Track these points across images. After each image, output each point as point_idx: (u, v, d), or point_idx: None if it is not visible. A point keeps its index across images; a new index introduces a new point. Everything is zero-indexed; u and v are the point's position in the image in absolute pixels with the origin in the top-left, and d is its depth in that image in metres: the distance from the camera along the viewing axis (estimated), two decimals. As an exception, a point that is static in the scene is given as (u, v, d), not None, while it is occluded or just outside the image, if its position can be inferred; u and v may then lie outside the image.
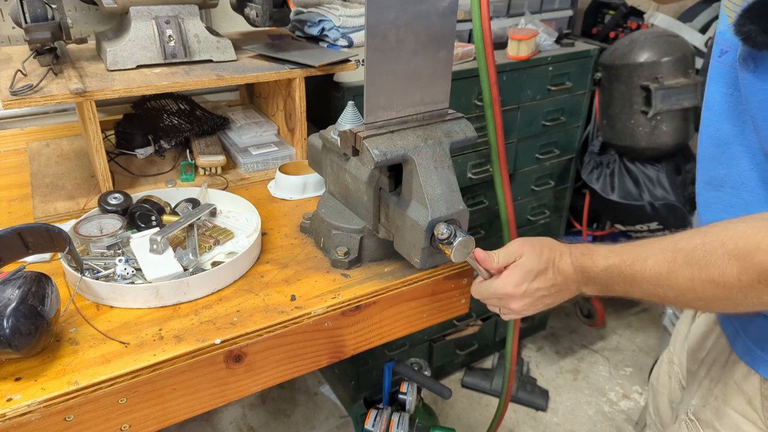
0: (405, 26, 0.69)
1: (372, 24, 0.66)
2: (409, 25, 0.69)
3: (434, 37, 0.72)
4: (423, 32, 0.71)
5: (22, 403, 0.62)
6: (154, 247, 0.83)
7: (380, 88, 0.71)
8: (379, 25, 0.67)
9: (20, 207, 1.04)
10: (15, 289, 0.65)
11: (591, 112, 1.99)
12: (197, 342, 0.72)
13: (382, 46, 0.68)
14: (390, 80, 0.71)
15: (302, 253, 0.91)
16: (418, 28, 0.70)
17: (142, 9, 1.06)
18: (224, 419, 1.89)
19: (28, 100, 0.90)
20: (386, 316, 0.88)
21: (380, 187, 0.81)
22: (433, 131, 0.76)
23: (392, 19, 0.67)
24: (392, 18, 0.67)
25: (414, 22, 0.69)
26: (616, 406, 2.00)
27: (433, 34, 0.72)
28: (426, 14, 0.70)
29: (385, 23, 0.67)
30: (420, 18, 0.69)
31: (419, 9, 0.69)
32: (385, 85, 0.71)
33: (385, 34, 0.68)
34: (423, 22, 0.70)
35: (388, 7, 0.66)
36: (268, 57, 1.17)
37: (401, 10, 0.67)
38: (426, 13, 0.70)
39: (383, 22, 0.67)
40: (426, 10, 0.70)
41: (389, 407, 1.25)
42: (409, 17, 0.68)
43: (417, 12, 0.69)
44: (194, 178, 1.15)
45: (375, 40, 0.67)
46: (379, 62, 0.69)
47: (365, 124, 0.73)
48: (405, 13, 0.68)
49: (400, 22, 0.68)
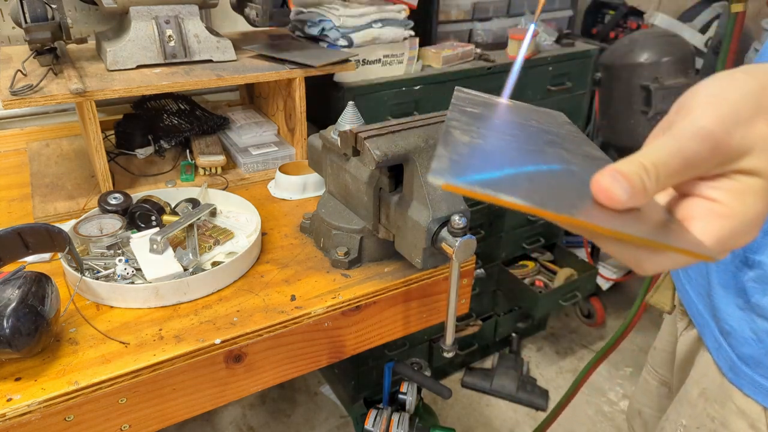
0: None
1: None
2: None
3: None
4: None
5: (22, 403, 0.62)
6: (154, 247, 0.83)
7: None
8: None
9: (20, 207, 1.04)
10: (15, 289, 0.65)
11: (591, 112, 1.99)
12: (197, 342, 0.72)
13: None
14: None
15: (302, 253, 0.91)
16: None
17: (142, 9, 1.06)
18: (224, 419, 1.89)
19: (28, 100, 0.90)
20: (386, 316, 0.88)
21: (380, 187, 0.81)
22: (434, 131, 0.76)
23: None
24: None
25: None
26: (616, 406, 2.00)
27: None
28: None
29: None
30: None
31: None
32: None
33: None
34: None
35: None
36: (268, 57, 1.17)
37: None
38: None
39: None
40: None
41: (389, 407, 1.25)
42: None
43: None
44: (194, 178, 1.15)
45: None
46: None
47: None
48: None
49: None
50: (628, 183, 0.31)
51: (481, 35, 1.70)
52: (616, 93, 1.85)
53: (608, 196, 0.31)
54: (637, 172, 0.32)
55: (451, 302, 0.77)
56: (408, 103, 1.46)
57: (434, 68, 1.51)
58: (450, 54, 1.51)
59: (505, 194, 0.28)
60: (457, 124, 0.41)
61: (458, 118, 0.43)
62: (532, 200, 0.29)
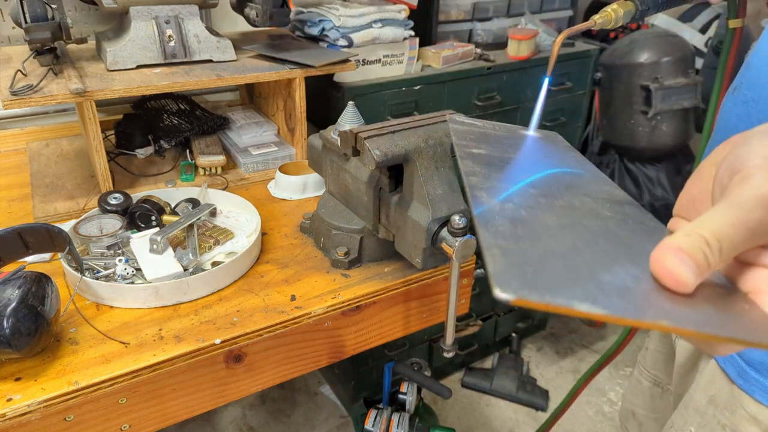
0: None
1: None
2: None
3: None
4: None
5: (22, 403, 0.62)
6: (154, 247, 0.83)
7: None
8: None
9: (20, 207, 1.04)
10: (15, 289, 0.65)
11: (591, 112, 1.99)
12: (197, 342, 0.72)
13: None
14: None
15: (302, 253, 0.91)
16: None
17: (142, 9, 1.06)
18: (224, 419, 1.89)
19: (28, 100, 0.90)
20: (386, 316, 0.88)
21: (380, 187, 0.81)
22: (434, 131, 0.76)
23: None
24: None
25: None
26: (616, 406, 2.00)
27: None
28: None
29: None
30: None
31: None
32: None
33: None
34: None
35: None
36: (268, 57, 1.17)
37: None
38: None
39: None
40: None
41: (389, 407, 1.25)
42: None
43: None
44: (194, 178, 1.15)
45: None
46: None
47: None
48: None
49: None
50: (693, 261, 0.29)
51: (481, 35, 1.70)
52: (616, 93, 1.85)
53: (676, 281, 0.30)
54: (699, 246, 0.30)
55: (451, 302, 0.77)
56: (408, 103, 1.46)
57: (434, 68, 1.51)
58: (450, 54, 1.51)
59: (578, 302, 0.27)
60: (476, 181, 0.40)
61: (471, 168, 0.42)
62: (607, 306, 0.27)
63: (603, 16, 0.71)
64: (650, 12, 0.72)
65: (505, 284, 0.27)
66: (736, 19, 0.90)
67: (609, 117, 1.90)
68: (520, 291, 0.27)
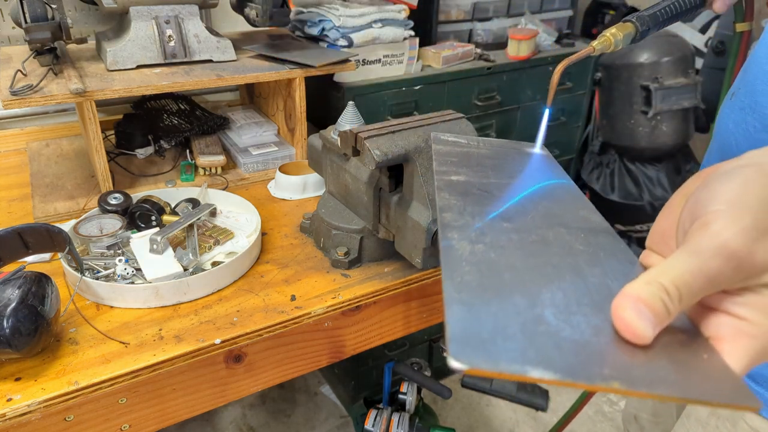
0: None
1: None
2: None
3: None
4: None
5: (22, 403, 0.62)
6: (154, 247, 0.83)
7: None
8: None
9: (20, 207, 1.04)
10: (15, 289, 0.65)
11: (591, 112, 1.99)
12: (197, 342, 0.72)
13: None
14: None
15: (302, 253, 0.91)
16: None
17: (142, 9, 1.06)
18: (224, 419, 1.89)
19: (28, 100, 0.90)
20: (386, 316, 0.88)
21: (380, 187, 0.81)
22: (434, 131, 0.76)
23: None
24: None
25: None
26: (616, 406, 2.00)
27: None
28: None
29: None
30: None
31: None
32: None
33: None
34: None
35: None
36: (268, 57, 1.17)
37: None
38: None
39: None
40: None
41: (389, 407, 1.25)
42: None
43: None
44: (194, 178, 1.15)
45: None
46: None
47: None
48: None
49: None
50: (651, 312, 0.30)
51: (481, 35, 1.70)
52: (616, 93, 1.85)
53: (633, 334, 0.30)
54: (659, 295, 0.30)
55: (451, 302, 0.76)
56: (408, 103, 1.46)
57: (434, 68, 1.51)
58: (450, 54, 1.51)
59: (531, 367, 0.28)
60: (449, 218, 0.40)
61: (447, 201, 0.43)
62: (559, 369, 0.28)
63: (602, 41, 0.67)
64: (651, 31, 0.68)
65: (460, 352, 0.28)
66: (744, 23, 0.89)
67: (609, 117, 1.90)
68: (474, 360, 0.28)
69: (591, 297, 0.34)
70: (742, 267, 0.31)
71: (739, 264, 0.31)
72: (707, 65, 1.97)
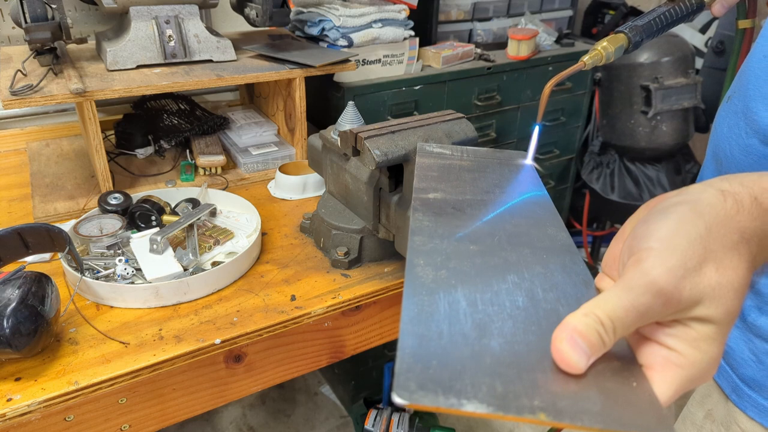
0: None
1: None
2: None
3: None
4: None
5: (22, 403, 0.62)
6: (154, 247, 0.83)
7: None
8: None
9: (20, 207, 1.04)
10: (15, 289, 0.65)
11: (591, 112, 1.99)
12: (197, 342, 0.72)
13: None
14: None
15: (302, 253, 0.91)
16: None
17: (142, 9, 1.06)
18: (224, 419, 1.89)
19: (28, 100, 0.90)
20: (386, 316, 0.88)
21: (380, 187, 0.81)
22: (434, 131, 0.76)
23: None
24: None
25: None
26: (616, 406, 2.00)
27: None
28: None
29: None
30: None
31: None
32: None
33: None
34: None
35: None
36: (268, 57, 1.17)
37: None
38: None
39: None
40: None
41: (389, 407, 1.25)
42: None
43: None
44: (194, 178, 1.15)
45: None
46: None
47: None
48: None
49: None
50: (587, 343, 0.32)
51: (481, 35, 1.70)
52: (616, 93, 1.85)
53: (567, 364, 0.32)
54: (595, 327, 0.33)
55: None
56: (408, 103, 1.46)
57: (434, 68, 1.51)
58: (450, 54, 1.51)
59: (467, 401, 0.30)
60: (419, 242, 0.41)
61: (420, 223, 0.44)
62: (493, 403, 0.30)
63: (593, 55, 0.64)
64: (644, 42, 0.66)
65: (403, 388, 0.29)
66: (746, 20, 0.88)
67: (609, 117, 1.90)
68: (415, 395, 0.29)
69: (539, 325, 0.35)
70: (670, 302, 0.34)
71: (667, 300, 0.33)
72: (707, 65, 1.97)
